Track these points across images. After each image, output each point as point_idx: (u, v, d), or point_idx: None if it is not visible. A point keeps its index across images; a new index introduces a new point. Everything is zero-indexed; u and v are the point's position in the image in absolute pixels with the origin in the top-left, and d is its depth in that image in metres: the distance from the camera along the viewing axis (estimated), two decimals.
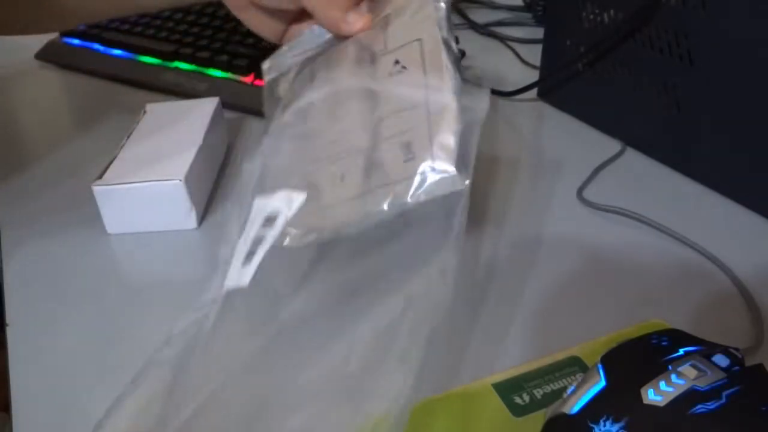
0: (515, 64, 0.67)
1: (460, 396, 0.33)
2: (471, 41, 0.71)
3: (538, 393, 0.32)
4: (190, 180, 0.45)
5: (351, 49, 0.39)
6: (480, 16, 0.77)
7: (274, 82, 0.43)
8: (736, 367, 0.25)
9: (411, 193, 0.32)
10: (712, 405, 0.23)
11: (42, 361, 0.37)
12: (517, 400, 0.32)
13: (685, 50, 0.45)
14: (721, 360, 0.25)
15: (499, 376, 0.33)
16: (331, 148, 0.36)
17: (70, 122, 0.61)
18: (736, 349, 0.26)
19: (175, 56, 0.65)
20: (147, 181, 0.44)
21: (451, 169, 0.32)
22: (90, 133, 0.59)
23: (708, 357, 0.25)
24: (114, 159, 0.47)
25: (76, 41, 0.71)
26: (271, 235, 0.34)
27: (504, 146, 0.52)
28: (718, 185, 0.47)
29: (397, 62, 0.36)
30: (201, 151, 0.47)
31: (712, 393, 0.24)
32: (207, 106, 0.52)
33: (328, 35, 0.42)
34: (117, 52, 0.68)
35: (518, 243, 0.43)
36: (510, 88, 0.59)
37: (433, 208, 0.32)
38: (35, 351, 0.38)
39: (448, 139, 0.32)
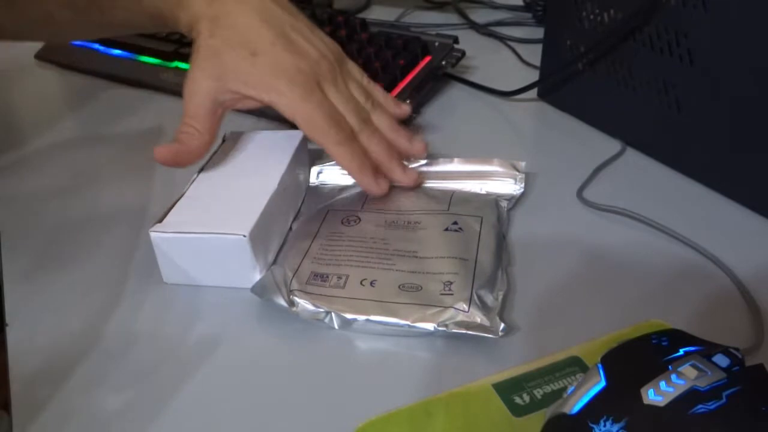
0: (515, 64, 0.67)
1: (460, 396, 0.33)
2: (471, 41, 0.71)
3: (538, 393, 0.32)
4: (256, 235, 0.39)
5: (414, 193, 0.47)
6: (480, 16, 0.77)
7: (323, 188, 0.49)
8: (737, 367, 0.25)
9: (441, 320, 0.36)
10: (712, 405, 0.23)
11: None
12: (517, 400, 0.32)
13: (685, 50, 0.45)
14: (721, 360, 0.25)
15: (499, 376, 0.33)
16: (368, 256, 0.41)
17: (70, 122, 0.61)
18: (736, 349, 0.26)
19: (175, 56, 0.65)
20: (208, 233, 0.39)
21: (487, 321, 0.36)
22: (90, 133, 0.59)
23: (708, 357, 0.25)
24: (181, 197, 0.42)
25: (76, 41, 0.71)
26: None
27: (504, 146, 0.52)
28: (718, 185, 0.47)
29: (455, 223, 0.43)
30: (274, 198, 0.42)
31: (712, 393, 0.24)
32: (289, 141, 0.47)
33: None
34: (117, 52, 0.68)
35: (518, 243, 0.43)
36: (510, 88, 0.59)
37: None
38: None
39: (488, 297, 0.37)
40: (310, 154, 0.50)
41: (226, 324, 0.39)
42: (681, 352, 0.26)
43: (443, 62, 0.61)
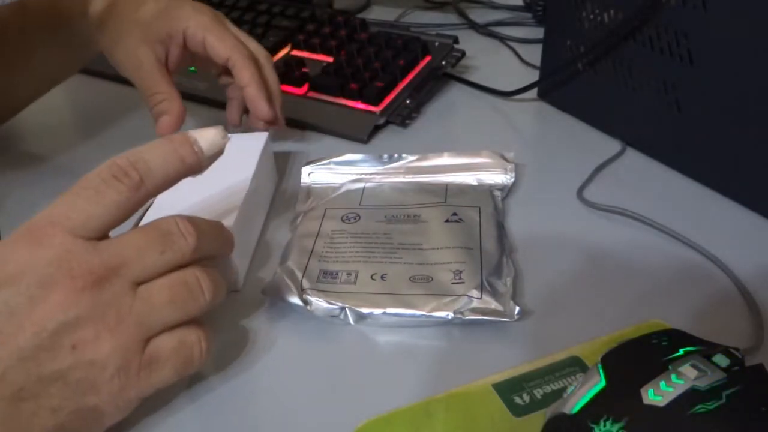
0: (515, 64, 0.67)
1: (460, 396, 0.33)
2: (471, 41, 0.71)
3: (538, 393, 0.32)
4: (235, 237, 0.38)
5: (409, 187, 0.47)
6: (480, 16, 0.77)
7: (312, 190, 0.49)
8: (737, 367, 0.25)
9: (456, 308, 0.37)
10: (712, 405, 0.23)
11: None
12: (517, 400, 0.32)
13: (685, 50, 0.45)
14: (721, 360, 0.25)
15: (499, 376, 0.33)
16: (374, 251, 0.41)
17: (70, 122, 0.61)
18: (736, 349, 0.26)
19: None
20: None
21: (500, 306, 0.37)
22: (90, 133, 0.59)
23: (708, 357, 0.25)
24: (149, 207, 0.41)
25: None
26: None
27: (504, 146, 0.52)
28: (718, 185, 0.47)
29: (455, 214, 0.43)
30: (247, 201, 0.41)
31: (712, 393, 0.24)
32: (255, 142, 0.47)
33: (378, 167, 0.50)
34: None
35: (518, 243, 0.43)
36: (510, 88, 0.59)
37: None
38: None
39: (498, 283, 0.38)
40: (298, 157, 0.50)
41: (229, 328, 0.39)
42: (681, 352, 0.26)
43: (443, 62, 0.61)
